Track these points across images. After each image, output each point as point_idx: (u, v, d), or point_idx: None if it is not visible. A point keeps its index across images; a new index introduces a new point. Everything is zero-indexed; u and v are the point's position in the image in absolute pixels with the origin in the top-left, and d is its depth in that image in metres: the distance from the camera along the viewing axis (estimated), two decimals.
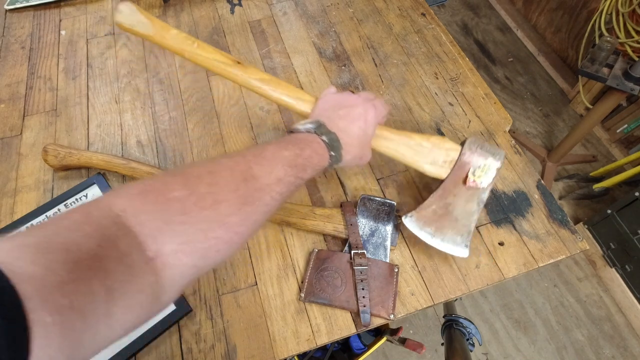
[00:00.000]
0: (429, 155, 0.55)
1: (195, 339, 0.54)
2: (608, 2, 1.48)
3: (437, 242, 0.54)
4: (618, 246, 1.36)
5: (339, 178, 0.67)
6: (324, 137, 0.45)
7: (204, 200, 0.31)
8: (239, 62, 0.54)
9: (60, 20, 0.91)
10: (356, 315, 0.55)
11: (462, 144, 0.56)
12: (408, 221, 0.55)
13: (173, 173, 0.33)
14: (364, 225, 0.60)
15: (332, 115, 0.49)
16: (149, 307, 0.29)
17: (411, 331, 1.41)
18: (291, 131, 0.47)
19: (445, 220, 0.55)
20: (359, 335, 1.00)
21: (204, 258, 0.32)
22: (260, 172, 0.36)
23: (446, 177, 0.55)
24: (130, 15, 0.51)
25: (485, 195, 0.54)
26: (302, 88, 0.78)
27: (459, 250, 0.54)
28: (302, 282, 0.57)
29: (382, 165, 0.69)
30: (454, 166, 0.55)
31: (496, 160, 0.54)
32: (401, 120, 0.74)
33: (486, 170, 0.54)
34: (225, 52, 0.54)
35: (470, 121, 0.74)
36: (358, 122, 0.49)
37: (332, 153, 0.45)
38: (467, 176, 0.54)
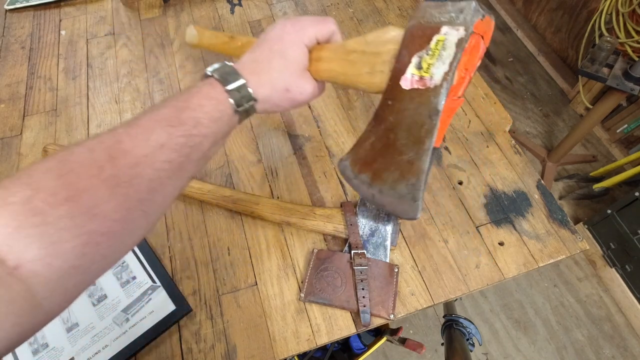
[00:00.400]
0: (364, 61, 0.38)
1: (195, 339, 0.54)
2: (608, 2, 1.48)
3: (374, 195, 0.36)
4: (618, 246, 1.36)
5: (339, 178, 0.67)
6: (215, 74, 0.36)
7: (56, 195, 0.27)
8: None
9: (60, 20, 0.91)
10: (356, 315, 0.55)
11: None
12: (343, 167, 0.40)
13: (17, 174, 0.28)
14: (364, 225, 0.60)
15: (251, 49, 0.40)
16: (29, 314, 0.27)
17: (411, 331, 1.41)
18: None
19: (387, 156, 0.36)
20: (359, 335, 1.00)
21: (83, 256, 0.28)
22: (132, 144, 0.30)
23: (386, 86, 0.36)
24: (196, 36, 0.58)
25: (440, 100, 0.32)
26: None
27: (404, 207, 0.35)
28: (302, 282, 0.57)
29: None
30: (395, 64, 0.34)
31: (456, 26, 0.31)
32: None
33: (439, 50, 0.31)
34: None
35: (470, 121, 0.74)
36: (269, 44, 0.39)
37: (228, 87, 0.36)
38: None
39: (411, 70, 0.33)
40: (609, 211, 1.35)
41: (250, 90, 0.37)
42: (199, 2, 0.93)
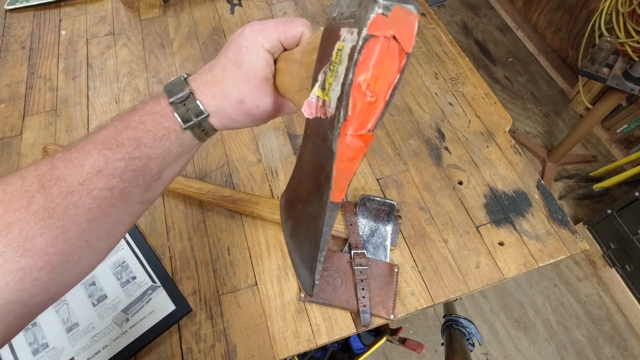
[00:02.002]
0: (299, 74, 0.30)
1: (195, 339, 0.54)
2: (608, 2, 1.48)
3: (292, 250, 0.31)
4: (618, 246, 1.36)
5: None
6: (162, 88, 0.33)
7: None
8: None
9: (60, 20, 0.91)
10: (356, 315, 0.55)
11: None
12: (280, 207, 0.34)
13: None
14: (364, 225, 0.60)
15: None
16: None
17: (411, 331, 1.41)
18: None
19: (298, 206, 0.30)
20: (359, 335, 1.00)
21: (20, 291, 0.27)
22: (67, 170, 0.28)
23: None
24: None
25: (333, 138, 0.22)
26: None
27: (304, 274, 0.29)
28: None
29: (382, 165, 0.69)
30: (313, 80, 0.26)
31: (351, 27, 0.21)
32: (401, 121, 0.74)
33: (336, 65, 0.22)
34: None
35: (470, 121, 0.74)
36: (226, 50, 0.34)
37: (172, 99, 0.31)
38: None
39: (316, 91, 0.24)
40: (609, 211, 1.35)
41: (198, 102, 0.32)
42: (199, 2, 0.93)
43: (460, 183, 0.67)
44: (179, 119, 0.32)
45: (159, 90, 0.34)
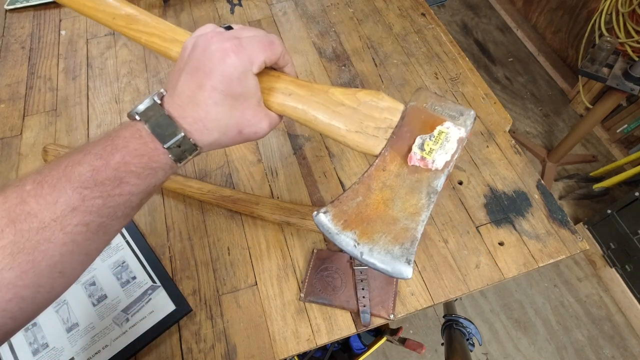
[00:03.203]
0: (355, 119, 0.37)
1: (195, 339, 0.54)
2: (608, 2, 1.48)
3: (363, 252, 0.36)
4: (618, 246, 1.36)
5: (338, 178, 0.67)
6: (146, 125, 0.31)
7: None
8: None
9: (60, 20, 0.91)
10: (356, 315, 0.55)
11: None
12: (321, 219, 0.37)
13: None
14: None
15: (181, 76, 0.33)
16: None
17: (411, 331, 1.41)
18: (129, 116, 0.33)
19: (378, 220, 0.36)
20: (359, 335, 1.00)
21: None
22: (38, 206, 0.27)
23: (380, 152, 0.37)
24: None
25: (439, 182, 0.35)
26: None
27: (398, 267, 0.35)
28: (302, 282, 0.57)
29: None
30: (392, 134, 0.37)
31: (458, 125, 0.36)
32: None
33: (442, 140, 0.35)
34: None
35: None
36: (210, 81, 0.31)
37: (167, 145, 0.31)
38: (410, 150, 0.35)
39: (415, 149, 0.35)
40: (609, 211, 1.35)
41: (192, 141, 0.32)
42: (199, 2, 0.93)
43: (460, 183, 0.67)
44: (172, 159, 0.31)
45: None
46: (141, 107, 0.31)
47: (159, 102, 0.32)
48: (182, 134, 0.31)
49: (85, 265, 0.31)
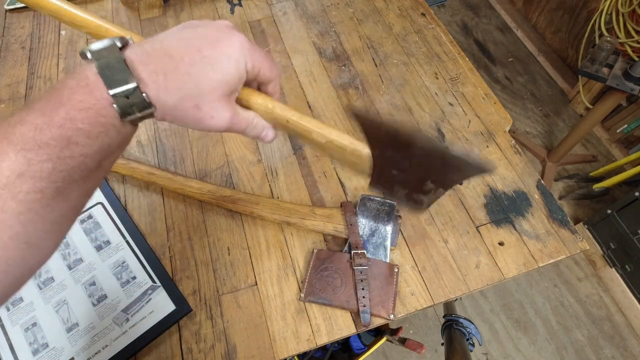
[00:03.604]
0: (346, 158, 0.41)
1: (195, 339, 0.54)
2: (608, 2, 1.48)
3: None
4: (618, 246, 1.36)
5: (339, 178, 0.67)
6: (95, 62, 0.27)
7: None
8: None
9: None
10: (356, 315, 0.55)
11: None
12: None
13: None
14: (364, 225, 0.60)
15: (174, 30, 0.31)
16: None
17: (411, 331, 1.41)
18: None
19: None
20: (359, 335, 1.00)
21: None
22: None
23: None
24: None
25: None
26: (301, 88, 0.78)
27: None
28: (302, 282, 0.57)
29: None
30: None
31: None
32: (401, 121, 0.74)
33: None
34: None
35: (470, 121, 0.74)
36: (199, 42, 0.30)
37: (113, 91, 0.27)
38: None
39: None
40: (609, 211, 1.35)
41: (144, 96, 0.28)
42: (199, 2, 0.93)
43: (460, 183, 0.67)
44: (117, 111, 0.27)
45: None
46: (95, 46, 0.27)
47: (119, 45, 0.28)
48: (135, 84, 0.27)
49: (57, 233, 0.28)
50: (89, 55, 0.27)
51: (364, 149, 0.37)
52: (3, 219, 0.25)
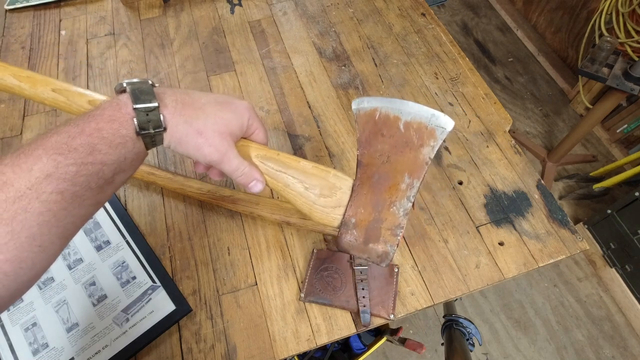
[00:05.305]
0: (324, 185, 0.43)
1: (195, 339, 0.54)
2: (608, 2, 1.48)
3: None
4: (618, 246, 1.36)
5: None
6: (128, 88, 0.34)
7: None
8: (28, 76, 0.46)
9: (60, 20, 0.91)
10: (356, 315, 0.55)
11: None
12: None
13: None
14: None
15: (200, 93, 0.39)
16: None
17: (411, 331, 1.41)
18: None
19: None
20: (359, 335, 1.00)
21: None
22: (14, 175, 0.28)
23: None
24: None
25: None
26: (301, 88, 0.78)
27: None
28: (302, 282, 0.57)
29: None
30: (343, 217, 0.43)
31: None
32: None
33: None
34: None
35: (470, 121, 0.74)
36: (215, 96, 0.39)
37: (137, 106, 0.33)
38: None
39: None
40: (609, 211, 1.35)
41: (161, 115, 0.34)
42: (199, 2, 0.93)
43: (460, 183, 0.67)
44: (135, 124, 0.32)
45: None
46: (131, 79, 0.34)
47: (151, 84, 0.35)
48: (156, 103, 0.33)
49: (63, 239, 0.31)
50: (124, 84, 0.34)
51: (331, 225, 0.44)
52: (25, 218, 0.27)
